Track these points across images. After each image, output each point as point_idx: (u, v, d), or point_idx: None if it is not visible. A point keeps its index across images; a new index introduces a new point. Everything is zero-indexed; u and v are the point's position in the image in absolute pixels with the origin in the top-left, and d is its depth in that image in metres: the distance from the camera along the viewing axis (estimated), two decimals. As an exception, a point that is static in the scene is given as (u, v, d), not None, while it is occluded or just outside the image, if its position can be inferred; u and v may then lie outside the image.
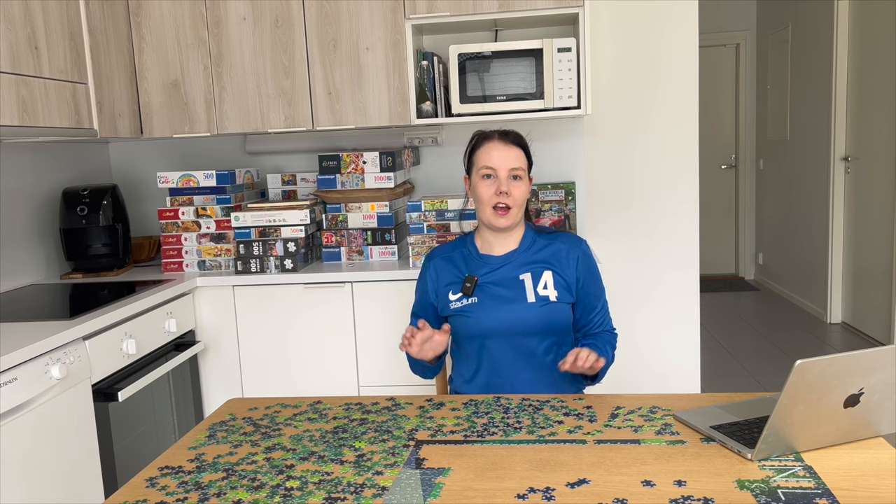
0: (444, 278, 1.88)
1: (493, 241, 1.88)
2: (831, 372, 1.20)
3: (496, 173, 1.80)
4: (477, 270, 1.85)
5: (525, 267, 1.84)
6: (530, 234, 1.89)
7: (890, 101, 4.33)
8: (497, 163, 1.80)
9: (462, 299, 1.84)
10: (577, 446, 1.36)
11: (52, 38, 2.31)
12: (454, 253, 1.91)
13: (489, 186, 1.81)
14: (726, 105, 6.69)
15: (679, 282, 3.15)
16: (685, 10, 3.02)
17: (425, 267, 1.94)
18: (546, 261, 1.85)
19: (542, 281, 1.83)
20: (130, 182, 3.24)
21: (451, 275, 1.88)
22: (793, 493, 1.15)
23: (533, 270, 1.83)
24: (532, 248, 1.87)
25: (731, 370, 4.30)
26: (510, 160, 1.81)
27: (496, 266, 1.85)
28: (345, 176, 2.79)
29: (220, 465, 1.35)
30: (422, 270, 1.94)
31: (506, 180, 1.80)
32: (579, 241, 1.90)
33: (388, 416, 1.56)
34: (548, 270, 1.84)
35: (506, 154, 1.81)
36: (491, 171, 1.81)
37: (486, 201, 1.81)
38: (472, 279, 1.83)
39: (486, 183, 1.82)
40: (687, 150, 3.10)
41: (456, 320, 1.85)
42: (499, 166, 1.80)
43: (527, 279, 1.82)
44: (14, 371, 1.77)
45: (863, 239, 4.78)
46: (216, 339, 2.71)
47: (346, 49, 2.73)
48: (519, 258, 1.85)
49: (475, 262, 1.87)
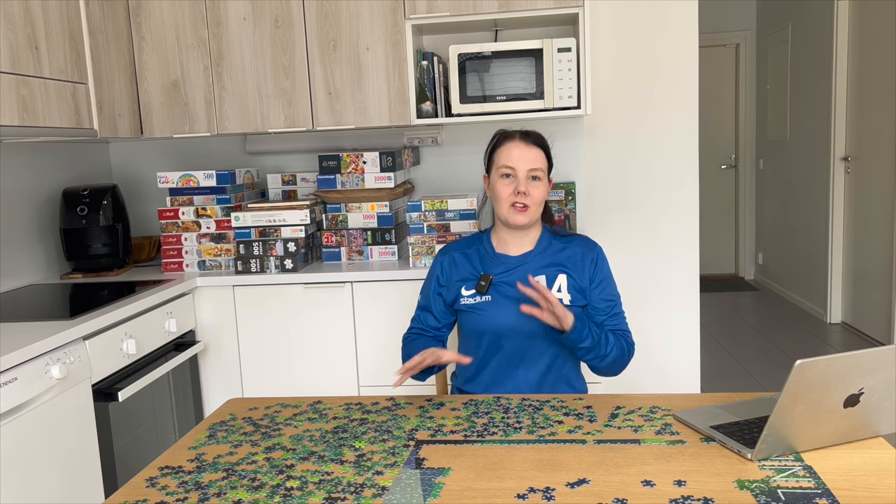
0: (458, 272, 1.88)
1: (510, 240, 1.88)
2: (831, 372, 1.20)
3: (515, 173, 1.81)
4: (492, 269, 1.85)
5: (540, 269, 1.84)
6: (546, 236, 1.90)
7: (890, 101, 4.33)
8: (517, 163, 1.81)
9: (476, 296, 1.84)
10: (577, 446, 1.36)
11: (52, 38, 2.31)
12: (470, 250, 1.92)
13: (507, 185, 1.82)
14: (726, 105, 6.69)
15: (679, 282, 3.15)
16: (685, 10, 3.02)
17: (438, 260, 1.94)
18: (562, 264, 1.85)
19: (556, 284, 1.83)
20: (130, 182, 3.24)
21: (465, 270, 1.88)
22: (793, 493, 1.15)
23: (548, 273, 1.84)
24: (548, 250, 1.87)
25: (731, 370, 4.30)
26: (529, 160, 1.81)
27: (512, 266, 1.85)
28: (345, 176, 2.79)
29: (220, 465, 1.35)
30: (434, 263, 1.94)
31: (524, 180, 1.80)
32: (594, 245, 1.91)
33: (388, 416, 1.56)
34: (562, 273, 1.84)
35: (526, 154, 1.81)
36: (510, 170, 1.81)
37: (505, 199, 1.82)
38: (488, 277, 1.83)
39: (505, 182, 1.82)
40: (687, 150, 3.10)
41: (467, 316, 1.85)
42: (518, 166, 1.80)
43: (541, 281, 1.83)
44: (14, 371, 1.77)
45: (863, 239, 4.78)
46: (216, 339, 2.71)
47: (346, 49, 2.73)
48: (535, 260, 1.86)
49: (491, 261, 1.87)
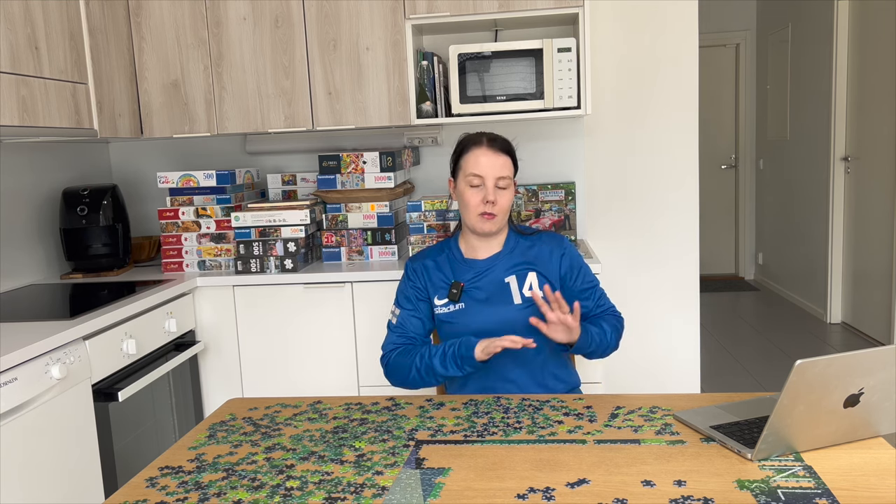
0: (430, 282, 1.87)
1: (478, 245, 1.87)
2: (831, 372, 1.20)
3: (483, 181, 1.79)
4: (462, 275, 1.85)
5: (510, 270, 1.84)
6: (513, 237, 1.89)
7: (890, 101, 4.32)
8: (485, 171, 1.79)
9: (448, 305, 1.83)
10: (577, 446, 1.36)
11: (52, 38, 2.31)
12: (440, 257, 1.90)
13: (476, 194, 1.80)
14: (726, 105, 6.69)
15: (679, 282, 3.15)
16: (685, 10, 3.02)
17: (412, 268, 1.89)
18: (530, 262, 1.85)
19: (527, 282, 1.83)
20: (130, 182, 3.24)
21: (436, 279, 1.87)
22: (793, 493, 1.15)
23: (518, 273, 1.84)
24: (515, 250, 1.87)
25: (731, 370, 4.30)
26: (497, 168, 1.79)
27: (481, 270, 1.85)
28: (345, 176, 2.79)
29: (220, 465, 1.35)
30: (408, 272, 1.90)
31: (493, 189, 1.79)
32: (560, 239, 1.90)
33: (388, 416, 1.56)
34: (532, 272, 1.84)
35: (493, 162, 1.80)
36: (478, 178, 1.79)
37: (473, 207, 1.80)
38: (459, 285, 1.82)
39: (473, 191, 1.80)
40: (687, 149, 3.10)
41: (444, 327, 1.85)
42: (486, 174, 1.79)
43: (512, 281, 1.82)
44: (14, 371, 1.77)
45: (863, 239, 4.78)
46: (216, 339, 2.71)
47: (346, 49, 2.72)
48: (503, 261, 1.85)
49: (460, 267, 1.86)
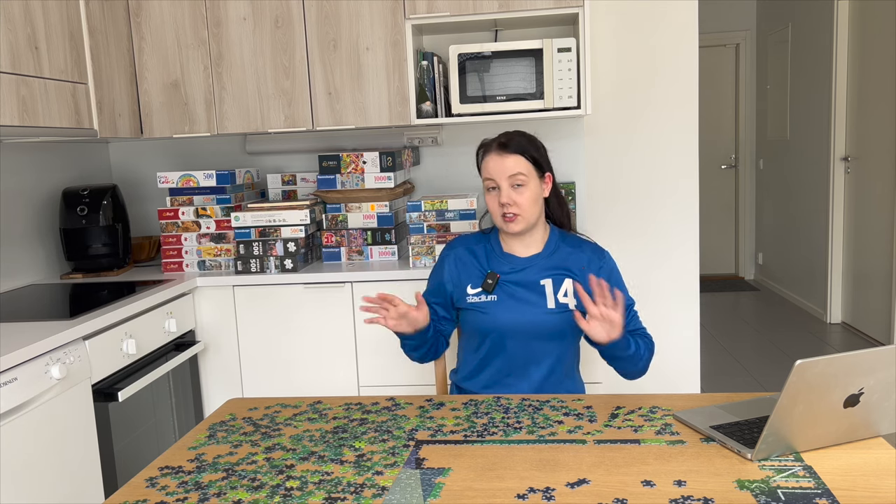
0: (465, 270, 1.88)
1: (515, 243, 1.88)
2: (831, 372, 1.20)
3: (497, 184, 1.82)
4: (499, 268, 1.86)
5: (547, 272, 1.84)
6: (555, 239, 1.89)
7: (890, 101, 4.33)
8: (495, 174, 1.81)
9: (481, 294, 1.84)
10: (577, 446, 1.36)
11: (52, 38, 2.31)
12: (477, 247, 1.91)
13: (494, 198, 1.83)
14: (726, 105, 6.69)
15: (679, 282, 3.15)
16: (685, 11, 3.02)
17: (445, 255, 1.93)
18: (569, 269, 1.85)
19: (562, 288, 1.83)
20: (130, 182, 3.24)
21: (471, 268, 1.88)
22: (793, 493, 1.15)
23: (554, 277, 1.84)
24: (556, 253, 1.87)
25: (731, 370, 4.30)
26: (507, 169, 1.80)
27: (519, 267, 1.85)
28: (345, 176, 2.79)
29: (220, 465, 1.35)
30: (441, 258, 1.94)
31: (507, 190, 1.80)
32: (603, 253, 1.91)
33: (388, 416, 1.56)
34: (569, 278, 1.84)
35: (502, 164, 1.81)
36: (492, 182, 1.82)
37: (495, 211, 1.84)
38: (495, 276, 1.83)
39: (492, 195, 1.84)
40: (687, 149, 3.10)
41: (471, 314, 1.85)
42: (498, 178, 1.81)
43: (548, 285, 1.83)
44: (14, 371, 1.77)
45: (863, 239, 4.78)
46: (216, 339, 2.71)
47: (346, 49, 2.73)
48: (542, 262, 1.86)
49: (498, 260, 1.87)
